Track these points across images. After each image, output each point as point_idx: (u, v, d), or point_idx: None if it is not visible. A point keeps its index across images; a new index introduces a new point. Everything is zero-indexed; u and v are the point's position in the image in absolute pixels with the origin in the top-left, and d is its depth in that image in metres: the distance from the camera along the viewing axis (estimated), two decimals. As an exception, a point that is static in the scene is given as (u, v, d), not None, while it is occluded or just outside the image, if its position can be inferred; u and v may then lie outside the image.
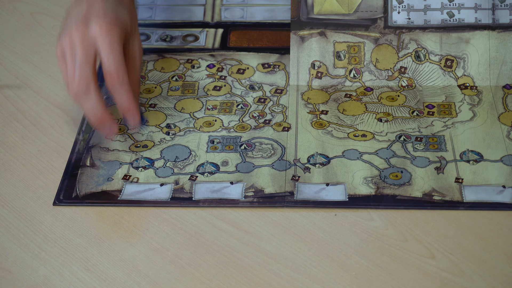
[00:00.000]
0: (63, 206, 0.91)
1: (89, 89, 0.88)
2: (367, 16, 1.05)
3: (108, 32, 0.88)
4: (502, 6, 1.04)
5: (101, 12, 0.89)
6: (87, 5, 0.90)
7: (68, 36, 0.89)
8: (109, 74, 0.88)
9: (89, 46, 0.88)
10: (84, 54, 0.87)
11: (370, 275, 0.82)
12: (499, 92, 1.03)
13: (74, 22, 0.89)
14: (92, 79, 0.88)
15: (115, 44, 0.88)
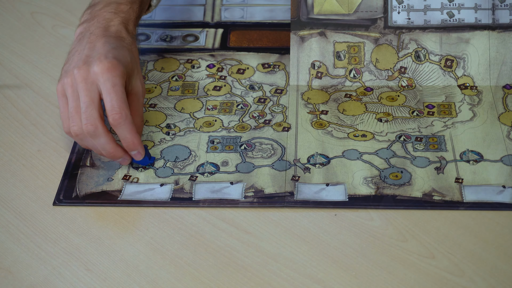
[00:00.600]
0: (63, 206, 0.91)
1: (97, 131, 0.89)
2: (367, 16, 1.05)
3: (109, 72, 0.89)
4: (502, 6, 1.04)
5: (103, 53, 0.91)
6: (88, 46, 0.93)
7: (70, 77, 0.91)
8: (111, 113, 0.89)
9: (92, 87, 0.90)
10: (89, 96, 0.89)
11: (370, 275, 0.82)
12: (499, 92, 1.03)
13: (76, 63, 0.91)
14: (100, 121, 0.89)
15: (116, 83, 0.90)
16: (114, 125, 0.90)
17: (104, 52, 0.91)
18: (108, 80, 0.89)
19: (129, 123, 0.90)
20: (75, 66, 0.91)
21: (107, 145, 0.91)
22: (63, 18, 1.19)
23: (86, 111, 0.89)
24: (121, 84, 0.90)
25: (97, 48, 0.92)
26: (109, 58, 0.90)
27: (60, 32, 1.16)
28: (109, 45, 0.92)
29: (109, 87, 0.89)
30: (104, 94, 0.89)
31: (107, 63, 0.90)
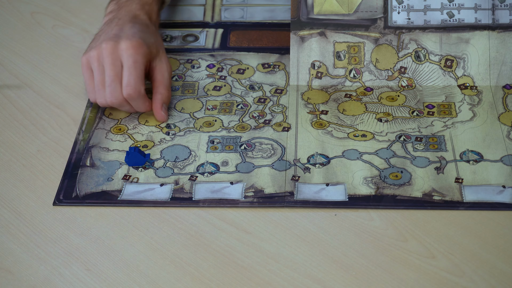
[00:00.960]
0: (63, 206, 0.91)
1: (122, 103, 0.98)
2: (367, 16, 1.05)
3: (134, 50, 0.96)
4: (502, 6, 1.04)
5: (130, 33, 0.98)
6: (117, 27, 1.00)
7: (97, 50, 0.97)
8: (127, 88, 0.96)
9: (117, 62, 0.96)
10: (114, 71, 0.96)
11: (370, 275, 0.82)
12: (499, 92, 1.03)
13: (104, 39, 0.98)
14: (121, 94, 0.97)
15: (137, 60, 0.96)
16: (128, 99, 0.97)
17: (131, 33, 0.98)
18: (131, 56, 0.96)
19: (142, 99, 0.98)
20: (103, 40, 0.97)
21: (134, 109, 0.99)
22: (63, 18, 1.19)
23: (111, 85, 0.96)
24: (141, 62, 0.97)
25: (125, 29, 0.99)
26: (136, 38, 0.97)
27: (60, 32, 1.16)
28: (136, 28, 0.99)
29: (131, 63, 0.96)
30: (125, 68, 0.96)
31: (134, 41, 0.97)
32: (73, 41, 1.15)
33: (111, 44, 0.96)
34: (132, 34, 0.98)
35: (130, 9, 1.04)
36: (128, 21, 1.01)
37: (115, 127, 1.00)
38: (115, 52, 0.96)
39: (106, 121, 1.01)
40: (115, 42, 0.97)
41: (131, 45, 0.96)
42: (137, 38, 0.97)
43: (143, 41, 0.98)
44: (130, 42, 0.96)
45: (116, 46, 0.96)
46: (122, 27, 0.99)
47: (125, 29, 0.99)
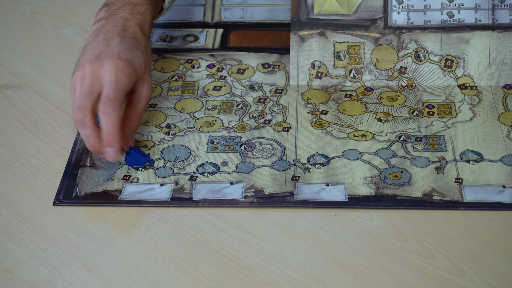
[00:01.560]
0: (63, 206, 0.91)
1: (85, 120, 0.89)
2: (367, 16, 1.05)
3: (118, 71, 0.90)
4: (502, 7, 1.04)
5: (116, 52, 0.92)
6: (103, 43, 0.93)
7: (81, 71, 0.91)
8: (104, 100, 0.89)
9: (96, 81, 0.90)
10: (89, 87, 0.90)
11: (370, 275, 0.82)
12: (499, 92, 1.03)
13: (88, 58, 0.92)
14: (89, 111, 0.89)
15: (120, 79, 0.90)
16: (101, 111, 0.89)
17: (118, 51, 0.92)
18: (113, 75, 0.90)
19: (116, 116, 0.89)
20: (87, 60, 0.92)
21: (91, 138, 0.90)
22: (63, 18, 1.19)
23: (80, 99, 0.89)
24: (124, 82, 0.91)
25: (112, 45, 0.93)
26: (121, 59, 0.91)
27: (60, 32, 1.16)
28: (124, 45, 0.93)
29: (112, 81, 0.90)
30: (105, 85, 0.90)
31: (119, 63, 0.91)
32: (73, 41, 1.15)
33: (95, 64, 0.91)
34: (118, 54, 0.91)
35: (121, 17, 0.97)
36: (116, 35, 0.94)
37: (115, 127, 1.00)
38: (97, 72, 0.90)
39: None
40: (100, 61, 0.91)
41: (116, 66, 0.90)
42: (123, 59, 0.91)
43: (130, 62, 0.92)
44: (115, 63, 0.91)
45: (99, 66, 0.91)
46: (109, 42, 0.93)
47: (112, 45, 0.93)
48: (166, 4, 1.06)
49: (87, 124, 0.90)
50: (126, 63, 0.91)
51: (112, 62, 0.90)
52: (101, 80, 0.90)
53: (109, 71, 0.90)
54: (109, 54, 0.91)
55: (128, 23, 0.96)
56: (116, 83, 0.90)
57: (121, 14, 0.97)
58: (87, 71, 0.91)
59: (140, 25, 0.98)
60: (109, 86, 0.90)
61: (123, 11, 0.98)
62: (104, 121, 0.89)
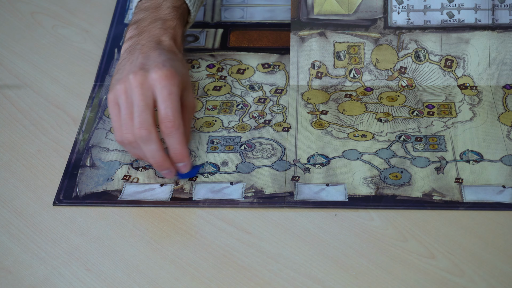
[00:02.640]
0: (63, 206, 0.91)
1: (150, 136, 0.87)
2: (367, 16, 1.05)
3: (167, 79, 0.87)
4: (501, 7, 1.04)
5: (159, 62, 0.89)
6: (142, 56, 0.91)
7: (124, 83, 0.88)
8: (165, 121, 0.87)
9: (147, 92, 0.87)
10: (144, 101, 0.87)
11: (370, 275, 0.82)
12: (499, 92, 1.03)
13: (130, 71, 0.89)
14: (153, 126, 0.87)
15: (173, 92, 0.88)
16: (166, 133, 0.88)
17: (160, 61, 0.89)
18: (165, 88, 0.87)
19: (180, 133, 0.88)
20: (129, 72, 0.89)
21: (157, 153, 0.88)
22: (63, 18, 1.19)
23: (141, 116, 0.87)
24: (177, 94, 0.88)
25: (152, 57, 0.90)
26: (167, 67, 0.88)
27: (60, 32, 1.16)
28: (164, 56, 0.90)
29: (166, 95, 0.87)
30: (160, 101, 0.87)
31: (166, 70, 0.88)
32: (73, 41, 1.15)
33: (140, 75, 0.87)
34: (162, 63, 0.89)
35: (153, 34, 0.94)
36: (153, 48, 0.92)
37: (115, 127, 1.00)
38: (145, 83, 0.87)
39: (106, 121, 1.01)
40: (144, 71, 0.88)
41: (164, 74, 0.87)
42: (168, 66, 0.88)
43: (175, 70, 0.89)
44: (162, 71, 0.87)
45: (145, 76, 0.87)
46: (147, 54, 0.91)
47: (151, 57, 0.90)
48: (192, 18, 1.03)
49: (153, 140, 0.87)
50: (172, 70, 0.88)
51: (159, 71, 0.88)
52: (152, 90, 0.87)
53: (158, 81, 0.87)
54: (152, 63, 0.89)
55: (162, 38, 0.94)
56: (169, 98, 0.87)
57: (153, 30, 0.95)
58: (133, 83, 0.87)
59: (174, 39, 0.95)
60: (164, 104, 0.87)
61: (154, 27, 0.95)
62: (170, 142, 0.88)
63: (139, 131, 0.87)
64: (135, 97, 0.87)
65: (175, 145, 0.88)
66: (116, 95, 0.88)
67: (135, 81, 0.87)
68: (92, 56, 1.11)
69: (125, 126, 0.88)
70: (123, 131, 0.88)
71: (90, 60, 1.11)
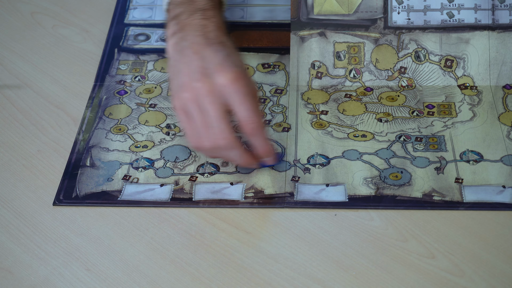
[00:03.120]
0: (63, 206, 0.91)
1: (233, 144, 0.87)
2: (367, 16, 1.05)
3: (236, 82, 0.86)
4: (501, 7, 1.04)
5: (218, 62, 0.87)
6: (197, 57, 0.89)
7: (190, 91, 0.87)
8: (248, 123, 0.87)
9: (219, 100, 0.86)
10: (218, 110, 0.86)
11: (370, 275, 0.82)
12: (499, 92, 1.03)
13: (191, 76, 0.88)
14: (233, 133, 0.87)
15: (247, 93, 0.86)
16: (250, 134, 0.87)
17: (219, 61, 0.88)
18: (238, 92, 0.86)
19: (263, 133, 0.88)
20: (192, 79, 0.87)
21: (243, 156, 0.89)
22: (63, 18, 1.19)
23: (219, 126, 0.86)
24: (250, 93, 0.87)
25: (208, 58, 0.88)
26: (230, 67, 0.87)
27: (60, 32, 1.16)
28: (220, 53, 0.89)
29: (241, 98, 0.86)
30: (236, 105, 0.86)
31: (231, 73, 0.86)
32: (73, 41, 1.15)
33: (206, 83, 0.86)
34: (221, 63, 0.87)
35: (197, 26, 0.92)
36: (204, 44, 0.90)
37: (115, 127, 1.00)
38: (215, 91, 0.86)
39: (106, 121, 1.01)
40: (209, 78, 0.86)
41: (231, 78, 0.86)
42: (231, 66, 0.87)
43: (237, 67, 0.87)
44: (227, 75, 0.86)
45: (212, 83, 0.86)
46: (202, 55, 0.88)
47: (207, 57, 0.88)
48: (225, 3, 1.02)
49: (235, 146, 0.88)
50: (237, 70, 0.87)
51: (225, 75, 0.86)
52: (223, 96, 0.86)
53: (227, 86, 0.86)
54: (212, 66, 0.87)
55: (207, 29, 0.92)
56: (245, 100, 0.86)
57: (195, 22, 0.93)
58: (201, 92, 0.86)
59: (218, 27, 0.94)
60: (242, 107, 0.86)
61: (195, 18, 0.93)
62: (254, 141, 0.88)
63: (219, 142, 0.87)
64: (207, 107, 0.86)
65: (260, 143, 0.89)
66: (184, 103, 0.87)
67: (204, 90, 0.86)
68: (92, 56, 1.11)
69: (203, 135, 0.88)
70: (202, 140, 0.88)
71: (90, 60, 1.11)
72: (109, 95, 1.05)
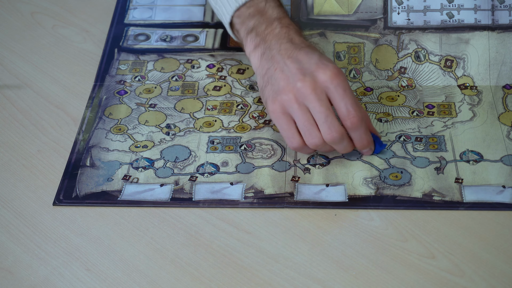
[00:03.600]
0: (63, 206, 0.91)
1: (343, 136, 0.89)
2: (366, 17, 1.05)
3: (337, 77, 0.88)
4: (501, 7, 1.04)
5: (314, 62, 0.89)
6: (290, 61, 0.91)
7: (290, 92, 0.89)
8: (349, 117, 0.89)
9: (323, 96, 0.88)
10: (324, 106, 0.88)
11: (370, 275, 0.82)
12: (499, 92, 1.03)
13: (290, 79, 0.89)
14: (341, 126, 0.89)
15: (347, 88, 0.89)
16: (352, 128, 0.89)
17: (315, 61, 0.90)
18: (339, 86, 0.88)
19: (365, 125, 0.91)
20: (292, 81, 0.89)
21: (348, 147, 0.91)
22: (63, 18, 1.19)
23: (327, 121, 0.88)
24: (350, 87, 0.89)
25: (303, 60, 0.91)
26: (327, 64, 0.89)
27: (60, 32, 1.16)
28: (312, 54, 0.91)
29: (341, 92, 0.88)
30: (337, 100, 0.88)
31: (330, 69, 0.89)
32: (73, 41, 1.15)
33: (308, 81, 0.88)
34: (318, 62, 0.89)
35: (279, 34, 0.94)
36: (293, 49, 0.92)
37: (115, 127, 1.00)
38: (317, 87, 0.88)
39: (106, 121, 1.01)
40: (310, 76, 0.88)
41: (331, 73, 0.88)
42: (328, 63, 0.89)
43: (332, 63, 0.90)
44: (328, 71, 0.88)
45: (314, 80, 0.88)
46: (295, 58, 0.91)
47: (301, 60, 0.90)
48: None
49: (345, 138, 0.90)
50: (334, 66, 0.89)
51: (326, 71, 0.88)
52: (325, 92, 0.88)
53: (329, 82, 0.88)
54: (310, 65, 0.89)
55: (290, 36, 0.94)
56: (346, 94, 0.88)
57: (276, 32, 0.95)
58: (304, 90, 0.88)
59: (299, 33, 0.95)
60: (343, 102, 0.88)
61: (274, 27, 0.95)
62: (355, 135, 0.91)
63: (331, 136, 0.89)
64: (311, 104, 0.88)
65: (361, 136, 0.91)
66: (284, 105, 0.89)
67: (307, 88, 0.88)
68: (92, 56, 1.11)
69: (310, 133, 0.89)
70: (309, 138, 0.89)
71: (90, 60, 1.11)
72: (109, 95, 1.05)
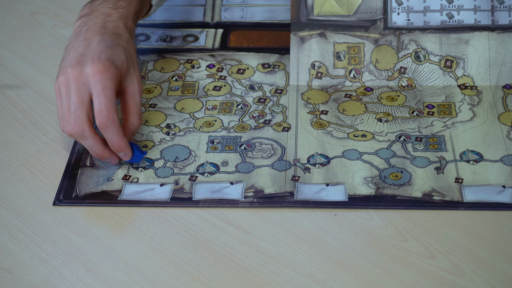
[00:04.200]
0: (63, 206, 0.91)
1: (84, 133, 0.89)
2: (366, 17, 1.05)
3: (101, 74, 0.89)
4: (501, 8, 1.04)
5: (96, 53, 0.91)
6: (84, 44, 0.92)
7: (64, 75, 0.91)
8: (99, 116, 0.89)
9: (83, 88, 0.89)
10: (79, 97, 0.89)
11: (370, 275, 0.82)
12: (499, 92, 1.03)
13: (70, 62, 0.91)
14: (87, 123, 0.89)
15: (107, 86, 0.89)
16: (101, 128, 0.89)
17: (97, 52, 0.91)
18: (99, 82, 0.89)
19: (115, 127, 0.90)
20: (69, 64, 0.91)
21: (94, 147, 0.91)
22: (63, 18, 1.19)
23: (75, 112, 0.89)
24: (111, 87, 0.89)
25: (92, 46, 0.92)
26: (102, 60, 0.90)
27: (60, 32, 1.16)
28: (104, 44, 0.92)
29: (99, 89, 0.89)
30: (94, 96, 0.89)
31: (100, 64, 0.89)
32: (73, 41, 1.14)
33: (76, 69, 0.90)
34: (98, 55, 0.90)
35: (102, 13, 0.96)
36: (96, 33, 0.93)
37: (115, 127, 1.00)
38: (80, 78, 0.89)
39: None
40: (81, 66, 0.90)
41: (97, 69, 0.89)
42: (104, 59, 0.90)
43: (111, 61, 0.90)
44: (96, 65, 0.89)
45: (81, 71, 0.90)
46: (89, 42, 0.92)
47: (92, 45, 0.92)
48: (154, 0, 1.04)
49: (87, 136, 0.90)
50: (107, 63, 0.90)
51: (93, 66, 0.89)
52: (87, 85, 0.89)
53: (91, 76, 0.89)
54: (89, 56, 0.90)
55: (109, 18, 0.95)
56: (103, 92, 0.89)
57: (102, 10, 0.96)
58: (70, 77, 0.90)
59: (122, 19, 0.96)
60: (98, 99, 0.89)
61: (104, 6, 0.97)
62: (107, 135, 0.90)
63: (73, 128, 0.89)
64: (71, 93, 0.90)
65: (111, 138, 0.90)
66: (59, 85, 0.91)
67: (72, 76, 0.90)
68: (92, 56, 1.11)
69: (65, 119, 0.90)
70: (64, 124, 0.91)
71: (90, 60, 1.11)
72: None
